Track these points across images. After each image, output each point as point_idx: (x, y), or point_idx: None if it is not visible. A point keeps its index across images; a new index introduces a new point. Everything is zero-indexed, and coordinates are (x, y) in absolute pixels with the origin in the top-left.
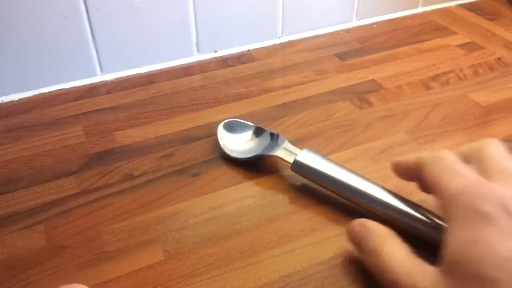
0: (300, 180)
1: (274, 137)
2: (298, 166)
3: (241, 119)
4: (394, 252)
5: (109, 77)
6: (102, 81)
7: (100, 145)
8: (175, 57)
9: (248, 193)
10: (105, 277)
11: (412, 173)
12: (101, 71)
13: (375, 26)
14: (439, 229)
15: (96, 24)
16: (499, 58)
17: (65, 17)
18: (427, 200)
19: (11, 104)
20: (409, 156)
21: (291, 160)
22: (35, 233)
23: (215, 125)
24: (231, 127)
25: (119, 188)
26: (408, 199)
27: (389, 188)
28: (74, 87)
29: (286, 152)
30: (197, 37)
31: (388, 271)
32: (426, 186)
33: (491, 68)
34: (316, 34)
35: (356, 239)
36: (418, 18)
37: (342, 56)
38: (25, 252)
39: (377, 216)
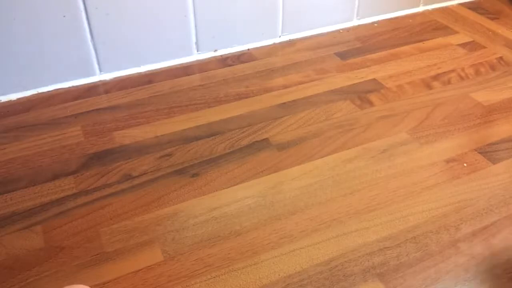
0: (300, 179)
1: None
2: None
3: (241, 119)
4: None
5: (107, 76)
6: (100, 81)
7: (98, 145)
8: (174, 56)
9: (248, 193)
10: (104, 278)
11: None
12: (100, 70)
13: (376, 25)
14: None
15: (95, 23)
16: (500, 58)
17: (64, 16)
18: (434, 200)
19: (10, 103)
20: None
21: None
22: (33, 233)
23: (214, 124)
24: None
25: (118, 188)
26: None
27: (390, 189)
28: (72, 87)
29: None
30: (196, 36)
31: None
32: None
33: (492, 67)
34: (316, 33)
35: None
36: (419, 17)
37: (342, 55)
38: (24, 253)
39: None
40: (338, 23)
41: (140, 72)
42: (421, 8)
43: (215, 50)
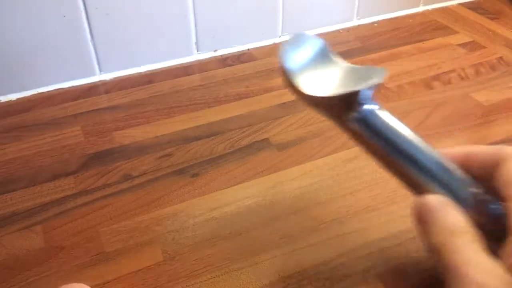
0: (300, 179)
1: None
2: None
3: (241, 119)
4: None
5: (107, 76)
6: (100, 81)
7: (98, 145)
8: (174, 56)
9: (248, 193)
10: (104, 278)
11: (485, 166)
12: (100, 70)
13: (376, 25)
14: None
15: (95, 23)
16: (501, 58)
17: (64, 16)
18: None
19: (10, 103)
20: (483, 147)
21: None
22: (33, 233)
23: (214, 124)
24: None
25: (118, 188)
26: None
27: (390, 189)
28: (72, 87)
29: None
30: (196, 36)
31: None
32: (497, 186)
33: (492, 67)
34: (316, 33)
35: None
36: (419, 17)
37: (342, 55)
38: (24, 253)
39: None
40: (338, 23)
41: (140, 72)
42: (421, 8)
43: (215, 50)
